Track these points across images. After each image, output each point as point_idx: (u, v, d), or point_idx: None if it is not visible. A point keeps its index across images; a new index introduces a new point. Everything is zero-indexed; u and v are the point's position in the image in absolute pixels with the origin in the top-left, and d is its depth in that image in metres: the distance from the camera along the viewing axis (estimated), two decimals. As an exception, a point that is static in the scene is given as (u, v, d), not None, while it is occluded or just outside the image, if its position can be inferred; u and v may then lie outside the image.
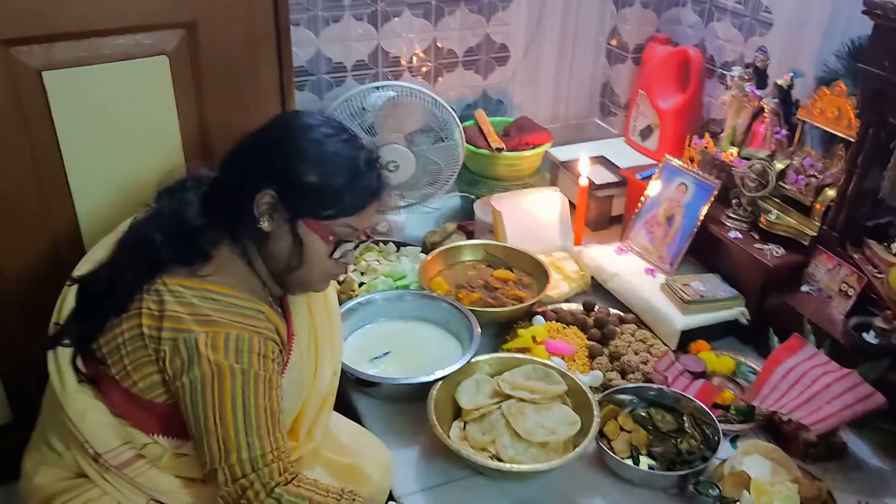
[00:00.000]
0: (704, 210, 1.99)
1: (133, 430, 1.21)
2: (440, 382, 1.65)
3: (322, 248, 1.23)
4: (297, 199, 1.19)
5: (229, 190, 1.24)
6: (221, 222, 1.24)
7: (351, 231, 1.25)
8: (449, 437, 1.58)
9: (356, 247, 1.30)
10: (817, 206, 1.85)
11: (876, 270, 1.75)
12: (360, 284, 2.07)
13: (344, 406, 1.74)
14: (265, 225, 1.20)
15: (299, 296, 1.38)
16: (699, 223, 2.00)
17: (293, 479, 1.15)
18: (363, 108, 2.12)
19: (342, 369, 1.68)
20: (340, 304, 1.88)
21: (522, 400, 1.62)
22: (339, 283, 2.07)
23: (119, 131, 1.43)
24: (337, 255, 1.26)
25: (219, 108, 1.51)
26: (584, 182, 2.15)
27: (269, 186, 1.18)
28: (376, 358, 1.80)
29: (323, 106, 2.32)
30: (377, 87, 2.11)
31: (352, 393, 1.77)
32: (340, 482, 1.42)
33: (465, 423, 1.63)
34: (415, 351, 1.83)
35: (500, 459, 1.53)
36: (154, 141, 1.47)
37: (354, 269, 2.13)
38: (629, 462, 1.57)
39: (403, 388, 1.68)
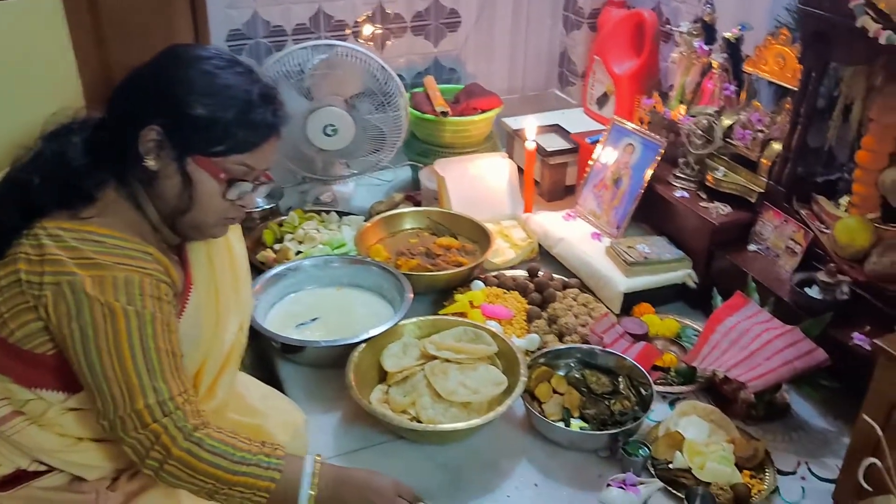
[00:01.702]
0: (651, 170, 1.92)
1: (11, 386, 1.14)
2: (364, 346, 1.57)
3: (214, 188, 1.16)
4: (184, 135, 1.12)
5: (114, 128, 1.16)
6: (107, 163, 1.16)
7: (246, 170, 1.18)
8: (370, 401, 1.51)
9: (254, 188, 1.23)
10: (764, 161, 1.77)
11: (823, 226, 1.67)
12: (298, 253, 2.00)
13: (267, 374, 1.67)
14: (151, 163, 1.13)
15: (199, 246, 1.30)
16: (645, 184, 1.92)
17: (209, 425, 1.10)
18: (300, 70, 2.05)
19: (267, 336, 1.62)
20: (268, 270, 1.82)
21: (448, 361, 1.54)
22: (275, 251, 2.00)
23: (10, 75, 1.36)
24: (231, 195, 1.18)
25: (124, 51, 1.43)
26: (530, 146, 2.07)
27: (154, 122, 1.11)
28: (303, 324, 1.73)
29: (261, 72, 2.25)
30: (314, 47, 2.04)
31: (277, 360, 1.69)
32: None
33: (389, 386, 1.55)
34: (344, 317, 1.75)
35: (419, 422, 1.46)
36: (51, 86, 1.40)
37: (292, 239, 2.06)
38: (560, 424, 1.49)
39: (327, 351, 1.61)
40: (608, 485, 1.33)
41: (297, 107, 2.09)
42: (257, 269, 1.89)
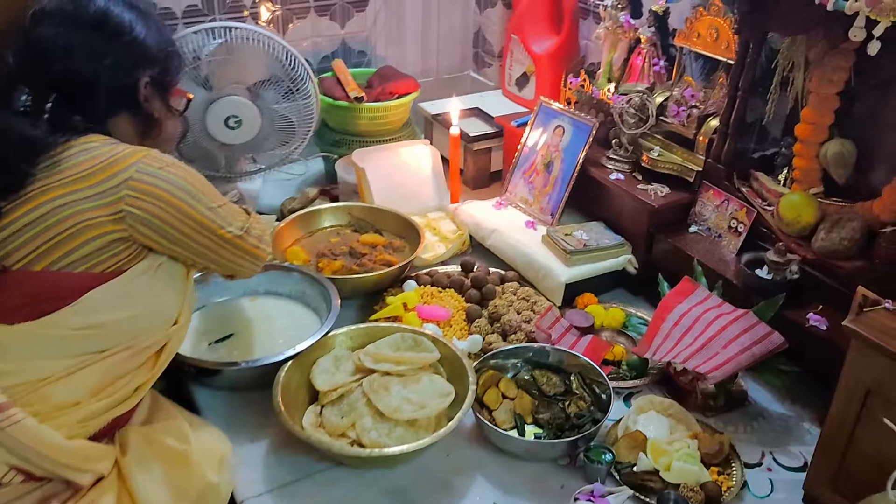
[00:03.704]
0: (583, 153, 1.82)
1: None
2: (290, 363, 1.40)
3: (180, 106, 1.37)
4: (166, 75, 1.28)
5: (82, 93, 1.18)
6: (69, 125, 1.16)
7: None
8: (302, 426, 1.34)
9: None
10: (700, 138, 1.70)
11: (765, 203, 1.61)
12: (205, 261, 1.79)
13: (181, 402, 1.47)
14: (156, 111, 1.28)
15: None
16: (578, 167, 1.82)
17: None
18: (196, 57, 1.83)
19: (177, 359, 1.43)
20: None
21: (387, 374, 1.39)
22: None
23: None
24: (181, 107, 1.37)
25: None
26: (455, 131, 1.94)
27: (143, 74, 1.23)
28: (217, 342, 1.53)
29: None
30: (209, 31, 1.83)
31: (190, 385, 1.50)
32: (169, 470, 1.19)
33: (322, 406, 1.39)
34: (263, 331, 1.57)
35: (361, 445, 1.30)
36: None
37: (198, 244, 1.84)
38: (512, 433, 1.37)
39: (248, 373, 1.42)
40: (575, 499, 1.22)
41: (195, 98, 1.87)
42: (160, 282, 1.68)
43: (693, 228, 1.69)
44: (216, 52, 1.84)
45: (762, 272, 1.50)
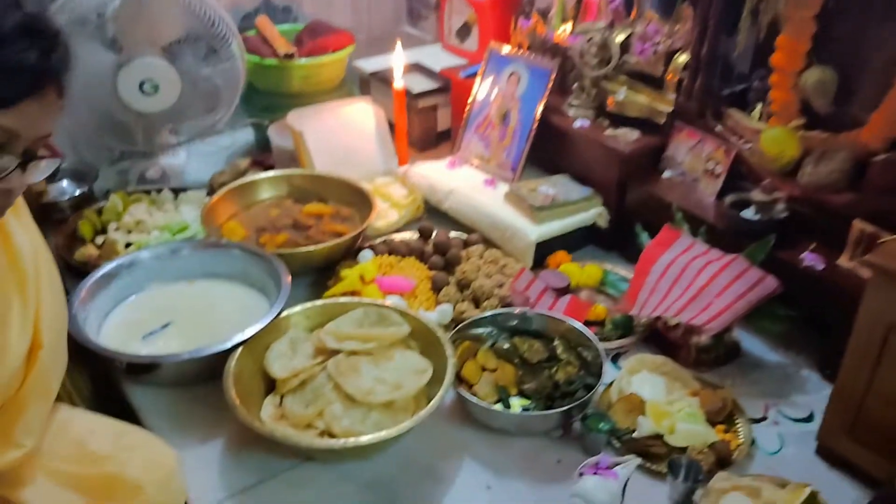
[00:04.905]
0: (543, 100, 1.68)
1: None
2: (240, 350, 1.22)
3: None
4: None
5: None
6: None
7: (2, 136, 0.82)
8: (261, 419, 1.17)
9: (22, 165, 0.85)
10: (669, 76, 1.58)
11: (742, 141, 1.51)
12: (128, 245, 1.58)
13: (115, 405, 1.28)
14: None
15: None
16: (538, 116, 1.68)
17: None
18: (98, 15, 1.60)
19: (105, 355, 1.23)
20: (95, 270, 1.40)
21: (354, 353, 1.23)
22: (97, 245, 1.57)
23: None
24: None
25: None
26: (399, 85, 1.77)
27: None
28: (152, 334, 1.34)
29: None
30: (112, -17, 1.60)
31: (124, 385, 1.30)
32: (94, 500, 1.01)
33: (282, 396, 1.21)
34: (205, 317, 1.38)
35: (332, 436, 1.14)
36: None
37: (117, 228, 1.63)
38: (498, 407, 1.23)
39: (191, 365, 1.24)
40: (580, 473, 1.09)
41: (102, 62, 1.65)
42: (78, 271, 1.46)
43: (667, 174, 1.58)
44: (123, 8, 1.61)
45: (748, 213, 1.40)
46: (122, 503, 1.00)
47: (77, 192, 1.74)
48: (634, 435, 1.20)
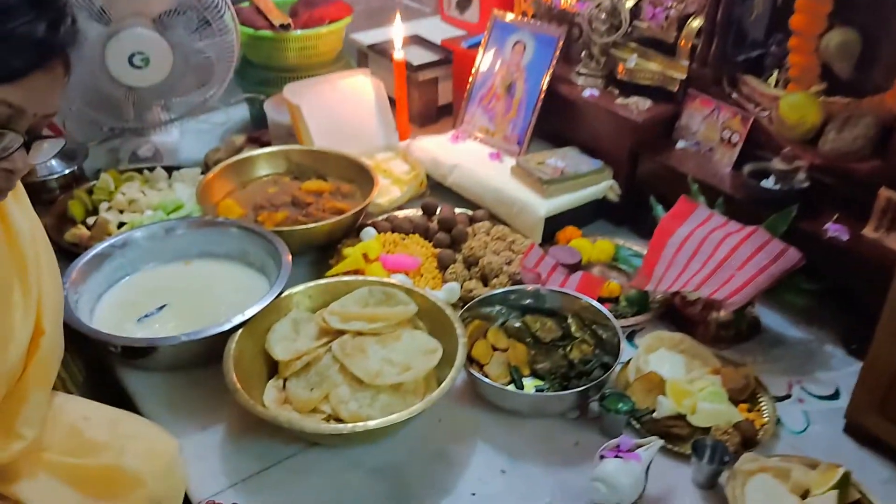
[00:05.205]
0: (550, 69, 1.61)
1: None
2: (241, 332, 1.17)
3: None
4: None
5: None
6: None
7: (8, 112, 0.77)
8: (264, 404, 1.12)
9: (26, 143, 0.79)
10: (682, 42, 1.52)
11: (759, 109, 1.45)
12: (121, 225, 1.52)
13: (111, 392, 1.22)
14: None
15: None
16: (545, 86, 1.62)
17: None
18: (85, -17, 1.53)
19: (100, 339, 1.17)
20: (87, 251, 1.33)
21: (360, 333, 1.17)
22: (88, 226, 1.51)
23: None
24: None
25: None
26: (399, 56, 1.70)
27: None
28: (147, 316, 1.28)
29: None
30: (98, -51, 1.53)
31: (120, 370, 1.24)
32: (92, 495, 0.95)
33: (286, 379, 1.16)
34: (203, 298, 1.32)
35: (339, 420, 1.09)
36: None
37: (109, 208, 1.56)
38: (511, 388, 1.18)
39: (189, 347, 1.18)
40: (601, 456, 1.04)
41: (89, 34, 1.57)
42: (69, 252, 1.40)
43: (681, 144, 1.52)
44: (110, -25, 1.54)
45: (768, 183, 1.35)
46: (121, 496, 0.95)
47: (66, 171, 1.67)
48: (654, 415, 1.15)
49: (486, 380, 1.16)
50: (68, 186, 1.63)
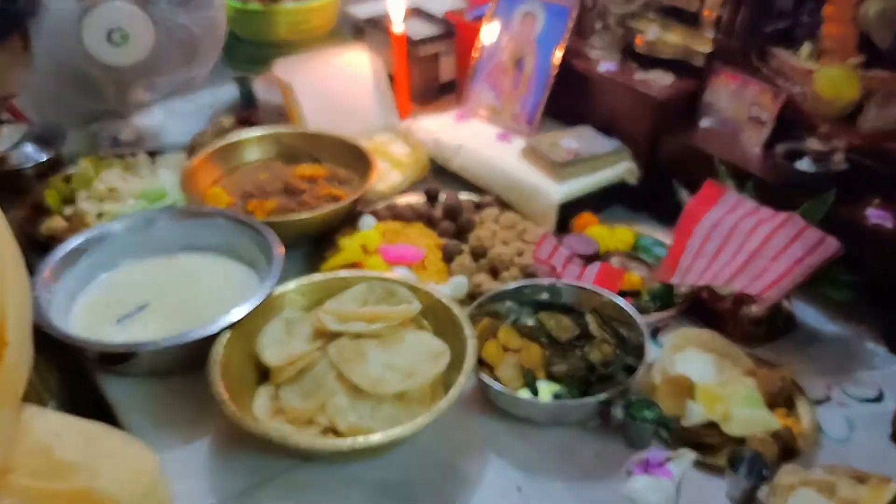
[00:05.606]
0: (563, 42, 1.49)
1: None
2: (228, 334, 1.06)
3: None
4: None
5: None
6: None
7: None
8: (254, 415, 1.02)
9: None
10: (706, 11, 1.40)
11: (790, 84, 1.33)
12: (100, 216, 1.41)
13: (88, 401, 1.12)
14: None
15: None
16: (557, 61, 1.50)
17: None
18: (55, -48, 1.40)
19: (75, 344, 1.07)
20: (59, 246, 1.23)
21: (359, 335, 1.07)
22: (65, 217, 1.40)
23: None
24: None
25: None
26: (398, 29, 1.58)
27: None
28: (127, 317, 1.17)
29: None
30: (69, -85, 1.40)
31: (97, 377, 1.14)
32: None
33: (278, 387, 1.05)
34: (187, 297, 1.22)
35: (336, 433, 0.98)
36: None
37: (88, 197, 1.45)
38: (526, 395, 1.08)
39: (171, 352, 1.08)
40: (629, 472, 0.94)
41: (63, 8, 1.45)
42: (45, 246, 1.29)
43: (705, 122, 1.41)
44: (83, -57, 1.41)
45: (803, 165, 1.23)
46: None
47: (42, 158, 1.55)
48: (683, 423, 1.04)
49: (499, 386, 1.05)
50: (43, 175, 1.51)
